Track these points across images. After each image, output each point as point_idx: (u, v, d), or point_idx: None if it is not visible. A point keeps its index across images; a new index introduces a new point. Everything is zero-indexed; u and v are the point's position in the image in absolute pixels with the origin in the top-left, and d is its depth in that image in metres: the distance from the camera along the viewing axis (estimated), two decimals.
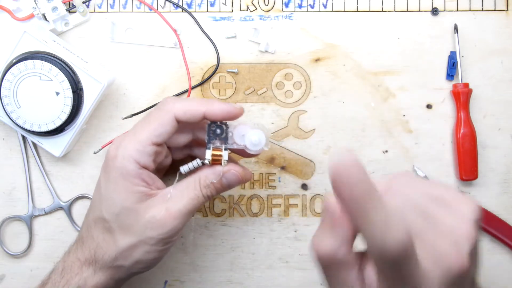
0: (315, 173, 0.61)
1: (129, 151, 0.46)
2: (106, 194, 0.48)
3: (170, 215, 0.47)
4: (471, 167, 0.59)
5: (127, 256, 0.48)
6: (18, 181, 0.60)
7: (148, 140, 0.46)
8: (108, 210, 0.47)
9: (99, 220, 0.48)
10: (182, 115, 0.47)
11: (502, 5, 0.60)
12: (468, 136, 0.58)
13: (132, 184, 0.46)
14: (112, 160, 0.47)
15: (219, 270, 0.61)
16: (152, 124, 0.47)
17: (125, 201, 0.47)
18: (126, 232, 0.47)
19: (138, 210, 0.47)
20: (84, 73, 0.55)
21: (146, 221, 0.46)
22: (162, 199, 0.47)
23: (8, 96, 0.54)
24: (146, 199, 0.47)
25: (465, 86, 0.59)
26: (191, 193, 0.48)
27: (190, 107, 0.47)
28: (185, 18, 0.60)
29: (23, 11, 0.59)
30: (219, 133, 0.47)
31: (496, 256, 0.60)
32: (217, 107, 0.47)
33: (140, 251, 0.48)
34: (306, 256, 0.60)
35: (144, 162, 0.47)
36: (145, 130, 0.47)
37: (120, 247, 0.47)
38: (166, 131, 0.47)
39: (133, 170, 0.46)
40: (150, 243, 0.47)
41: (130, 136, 0.47)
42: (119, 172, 0.46)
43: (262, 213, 0.61)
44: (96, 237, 0.49)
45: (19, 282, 0.60)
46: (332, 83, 0.60)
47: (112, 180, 0.47)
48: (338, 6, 0.60)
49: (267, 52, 0.60)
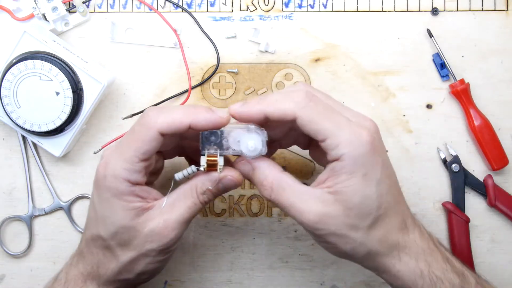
0: (315, 173, 0.61)
1: (117, 171, 0.45)
2: (101, 213, 0.47)
3: (168, 226, 0.46)
4: (499, 154, 0.58)
5: (130, 270, 0.48)
6: (18, 181, 0.60)
7: (135, 157, 0.45)
8: (105, 229, 0.47)
9: (96, 238, 0.48)
10: (166, 129, 0.44)
11: (502, 5, 0.60)
12: (484, 127, 0.58)
13: (127, 202, 0.46)
14: (102, 180, 0.46)
15: (219, 270, 0.61)
16: (137, 142, 0.45)
17: (122, 220, 0.46)
18: (126, 247, 0.47)
19: (135, 226, 0.46)
20: (84, 73, 0.55)
21: (145, 235, 0.46)
22: (159, 210, 0.47)
23: (8, 96, 0.54)
24: (142, 213, 0.46)
25: (461, 83, 0.59)
26: (188, 201, 0.47)
27: (174, 120, 0.44)
28: (185, 18, 0.60)
29: (23, 11, 0.59)
30: (213, 139, 0.46)
31: (496, 255, 0.60)
32: (202, 117, 0.45)
33: (142, 264, 0.48)
34: (306, 256, 0.60)
35: (135, 179, 0.45)
36: (130, 148, 0.45)
37: (121, 262, 0.47)
38: (152, 146, 0.45)
39: (125, 190, 0.45)
40: (151, 255, 0.47)
41: (116, 155, 0.46)
42: (111, 192, 0.45)
43: (262, 213, 0.61)
44: (96, 254, 0.49)
45: (19, 282, 0.60)
46: (332, 83, 0.60)
47: (106, 200, 0.46)
48: (338, 6, 0.60)
49: (267, 52, 0.60)
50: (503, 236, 0.60)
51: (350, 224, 0.44)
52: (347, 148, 0.43)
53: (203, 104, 0.60)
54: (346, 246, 0.45)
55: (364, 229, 0.45)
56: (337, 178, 0.44)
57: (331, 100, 0.47)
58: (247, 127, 0.46)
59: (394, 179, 0.47)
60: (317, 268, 0.60)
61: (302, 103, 0.44)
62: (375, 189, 0.44)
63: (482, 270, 0.60)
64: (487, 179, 0.59)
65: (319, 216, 0.44)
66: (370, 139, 0.44)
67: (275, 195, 0.45)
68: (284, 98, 0.44)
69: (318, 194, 0.45)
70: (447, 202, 0.60)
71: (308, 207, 0.44)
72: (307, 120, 0.43)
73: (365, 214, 0.44)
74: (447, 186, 0.60)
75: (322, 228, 0.44)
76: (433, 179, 0.60)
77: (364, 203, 0.44)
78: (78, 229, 0.60)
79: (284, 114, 0.44)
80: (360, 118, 0.46)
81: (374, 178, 0.44)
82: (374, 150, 0.44)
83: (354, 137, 0.43)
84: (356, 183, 0.44)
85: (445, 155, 0.60)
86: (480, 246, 0.60)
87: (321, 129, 0.43)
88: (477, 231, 0.60)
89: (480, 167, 0.60)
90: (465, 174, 0.60)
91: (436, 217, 0.60)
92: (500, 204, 0.59)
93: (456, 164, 0.60)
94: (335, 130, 0.43)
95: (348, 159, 0.43)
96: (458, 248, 0.59)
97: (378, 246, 0.45)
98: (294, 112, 0.44)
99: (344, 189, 0.44)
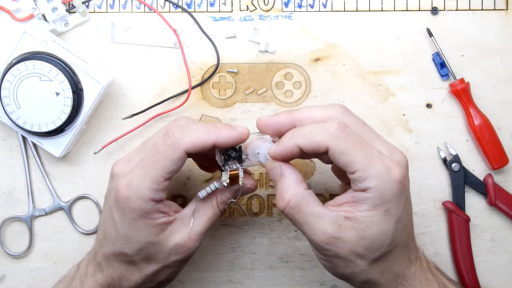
0: (315, 173, 0.61)
1: (143, 190, 0.45)
2: (125, 233, 0.47)
3: (192, 238, 0.48)
4: (499, 154, 0.58)
5: (153, 280, 0.49)
6: (18, 181, 0.60)
7: (161, 177, 0.45)
8: (129, 247, 0.47)
9: (120, 255, 0.48)
10: (191, 149, 0.45)
11: (501, 4, 0.60)
12: (484, 126, 0.58)
13: (152, 220, 0.46)
14: (125, 201, 0.46)
15: (219, 270, 0.61)
16: (163, 162, 0.45)
17: (147, 237, 0.47)
18: (151, 261, 0.48)
19: (161, 241, 0.47)
20: (84, 73, 0.55)
21: (170, 248, 0.48)
22: (182, 223, 0.48)
23: (8, 97, 0.54)
24: (166, 227, 0.48)
25: (461, 82, 0.59)
26: (209, 211, 0.49)
27: (199, 139, 0.45)
28: (185, 18, 0.60)
29: (23, 11, 0.59)
30: (234, 155, 0.47)
31: (496, 255, 0.60)
32: (226, 135, 0.46)
33: (165, 274, 0.49)
34: (307, 256, 0.60)
35: (159, 198, 0.46)
36: (156, 168, 0.45)
37: (145, 274, 0.49)
38: (178, 166, 0.46)
39: (151, 209, 0.46)
40: (175, 265, 0.49)
41: (140, 174, 0.46)
42: (137, 213, 0.46)
43: (262, 213, 0.61)
44: (118, 268, 0.49)
45: (19, 283, 0.60)
46: (332, 83, 0.60)
47: (130, 220, 0.46)
48: (338, 6, 0.60)
49: (267, 52, 0.60)
50: (503, 235, 0.60)
51: (358, 252, 0.45)
52: (375, 182, 0.43)
53: (203, 104, 0.60)
54: (346, 270, 0.46)
55: (370, 260, 0.45)
56: (358, 206, 0.44)
57: (364, 127, 0.47)
58: (263, 138, 0.47)
59: (411, 216, 0.48)
60: (318, 267, 0.60)
61: (334, 134, 0.44)
62: (393, 226, 0.44)
63: (482, 269, 0.60)
64: (487, 178, 0.59)
65: (331, 238, 0.44)
66: (399, 177, 0.44)
67: (289, 210, 0.46)
68: (317, 130, 0.44)
69: (335, 217, 0.45)
70: (447, 201, 0.60)
71: (321, 228, 0.45)
72: (339, 152, 0.43)
73: (377, 248, 0.45)
74: (447, 186, 0.60)
75: (330, 250, 0.45)
76: (433, 179, 0.60)
77: (379, 238, 0.44)
78: (79, 230, 0.60)
79: (318, 146, 0.44)
80: (392, 151, 0.46)
81: (395, 215, 0.44)
82: (402, 188, 0.44)
83: (384, 172, 0.43)
84: (376, 216, 0.44)
85: (445, 155, 0.60)
86: (480, 246, 0.60)
87: (352, 161, 0.43)
88: (477, 230, 0.60)
89: (480, 166, 0.60)
90: (465, 174, 0.60)
91: (436, 217, 0.60)
92: (500, 203, 0.59)
93: (456, 164, 0.60)
94: (365, 163, 0.43)
95: (374, 192, 0.43)
96: (458, 247, 0.59)
97: (378, 277, 0.46)
98: (327, 144, 0.44)
99: (362, 219, 0.44)
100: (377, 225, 0.44)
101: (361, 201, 0.44)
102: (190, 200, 0.56)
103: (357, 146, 0.44)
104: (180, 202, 0.60)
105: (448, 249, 0.60)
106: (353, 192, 0.45)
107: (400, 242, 0.46)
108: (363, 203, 0.44)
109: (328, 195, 0.60)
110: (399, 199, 0.44)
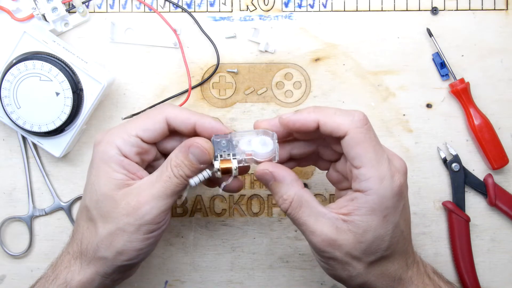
0: (315, 173, 0.61)
1: (113, 137, 0.47)
2: (89, 180, 0.49)
3: (142, 200, 0.46)
4: (499, 154, 0.59)
5: (108, 246, 0.47)
6: (18, 181, 0.60)
7: (134, 131, 0.47)
8: (90, 197, 0.48)
9: (83, 209, 0.49)
10: (172, 118, 0.48)
11: (501, 5, 0.60)
12: (484, 126, 0.58)
13: (111, 170, 0.47)
14: (96, 145, 0.48)
15: (219, 270, 0.61)
16: (142, 119, 0.48)
17: (103, 187, 0.47)
18: (105, 219, 0.47)
19: (115, 197, 0.47)
20: (84, 73, 0.55)
21: (121, 207, 0.47)
22: (139, 188, 0.48)
23: (8, 97, 0.54)
24: (123, 187, 0.47)
25: (461, 82, 0.59)
26: (163, 175, 0.47)
27: (182, 114, 0.48)
28: (185, 18, 0.60)
29: (23, 11, 0.59)
30: (224, 143, 0.47)
31: (496, 255, 0.60)
32: (207, 121, 0.47)
33: (120, 240, 0.47)
34: (306, 256, 0.60)
35: (126, 151, 0.47)
36: (134, 123, 0.48)
37: (100, 235, 0.47)
38: (154, 128, 0.48)
39: (113, 156, 0.47)
40: (129, 230, 0.47)
41: (118, 126, 0.49)
42: (100, 156, 0.47)
43: (262, 213, 0.61)
44: (81, 227, 0.49)
45: (19, 283, 0.60)
46: (332, 83, 0.60)
47: (95, 165, 0.48)
48: (338, 6, 0.60)
49: (267, 52, 0.60)
50: (503, 235, 0.60)
51: (355, 255, 0.45)
52: (377, 185, 0.43)
53: (203, 104, 0.60)
54: (343, 272, 0.46)
55: (366, 263, 0.45)
56: (357, 210, 0.44)
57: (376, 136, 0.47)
58: (256, 131, 0.47)
59: (409, 221, 0.48)
60: (318, 267, 0.60)
61: (357, 123, 0.44)
62: (390, 232, 0.45)
63: (482, 269, 0.60)
64: (487, 178, 0.59)
65: (329, 240, 0.45)
66: (400, 184, 0.44)
67: (291, 210, 0.46)
68: (342, 113, 0.45)
69: (333, 219, 0.45)
70: (447, 201, 0.60)
71: (320, 229, 0.45)
72: (355, 142, 0.44)
73: (373, 252, 0.45)
74: (447, 186, 0.60)
75: (327, 251, 0.45)
76: (433, 179, 0.60)
77: (375, 242, 0.45)
78: None
79: (337, 128, 0.44)
80: (393, 157, 0.46)
81: (393, 221, 0.45)
82: (401, 195, 0.45)
83: (387, 176, 0.44)
84: (374, 221, 0.44)
85: (445, 155, 0.60)
86: (480, 246, 0.60)
87: (363, 155, 0.44)
88: (477, 230, 0.60)
89: (480, 166, 0.60)
90: (465, 174, 0.60)
91: (436, 217, 0.60)
92: (500, 203, 0.59)
93: (456, 164, 0.60)
94: (373, 162, 0.44)
95: (374, 195, 0.44)
96: (458, 247, 0.59)
97: (374, 280, 0.46)
98: (347, 129, 0.44)
99: (360, 223, 0.44)
100: (375, 230, 0.44)
101: (360, 204, 0.44)
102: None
103: (373, 143, 0.44)
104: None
105: (448, 249, 0.60)
106: (352, 194, 0.45)
107: (397, 247, 0.46)
108: (362, 206, 0.44)
109: (328, 195, 0.60)
110: (397, 205, 0.45)
